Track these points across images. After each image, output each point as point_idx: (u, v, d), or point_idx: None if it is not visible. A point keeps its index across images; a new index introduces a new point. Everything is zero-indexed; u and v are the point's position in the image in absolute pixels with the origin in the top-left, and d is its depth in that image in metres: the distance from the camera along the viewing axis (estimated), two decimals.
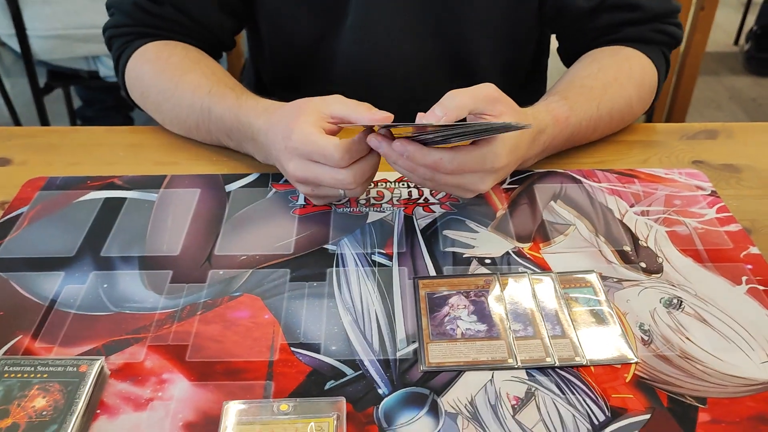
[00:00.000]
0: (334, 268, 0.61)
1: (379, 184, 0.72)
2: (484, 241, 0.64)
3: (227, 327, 0.56)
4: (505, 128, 0.59)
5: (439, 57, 0.87)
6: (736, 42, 3.05)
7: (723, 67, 2.87)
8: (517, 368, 0.52)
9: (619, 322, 0.56)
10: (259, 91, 0.75)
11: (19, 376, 0.50)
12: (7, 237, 0.65)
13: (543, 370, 0.52)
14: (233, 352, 0.53)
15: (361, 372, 0.52)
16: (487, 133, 0.59)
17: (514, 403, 0.50)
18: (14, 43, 1.67)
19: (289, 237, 0.65)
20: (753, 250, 0.63)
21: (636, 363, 0.52)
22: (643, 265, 0.62)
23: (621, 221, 0.67)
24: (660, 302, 0.58)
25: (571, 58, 0.85)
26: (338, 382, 0.51)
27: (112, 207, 0.69)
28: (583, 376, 0.51)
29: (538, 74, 1.03)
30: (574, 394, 0.50)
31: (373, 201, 0.70)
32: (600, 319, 0.56)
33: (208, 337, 0.55)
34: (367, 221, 0.67)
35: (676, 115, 2.09)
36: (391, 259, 0.62)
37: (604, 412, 0.49)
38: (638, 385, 0.51)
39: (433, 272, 0.61)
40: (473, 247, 0.64)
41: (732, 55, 2.97)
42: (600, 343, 0.54)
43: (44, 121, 1.86)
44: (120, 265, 0.62)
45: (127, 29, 0.82)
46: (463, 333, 0.55)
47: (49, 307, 0.57)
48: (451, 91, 0.60)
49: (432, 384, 0.51)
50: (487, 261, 0.62)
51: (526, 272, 0.61)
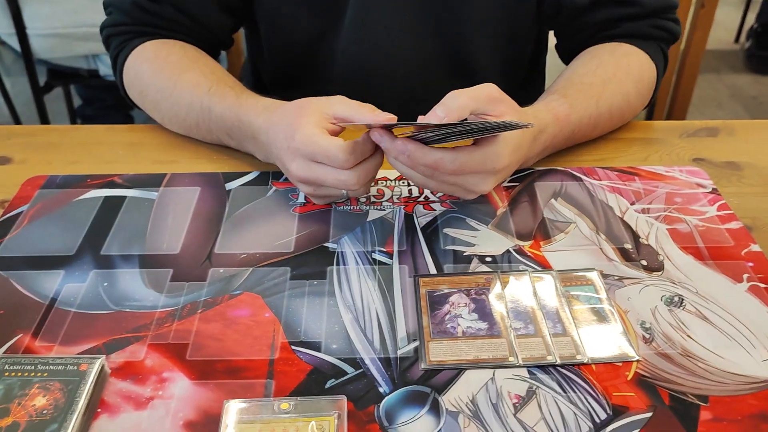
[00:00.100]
0: (335, 267, 0.61)
1: (379, 182, 0.72)
2: (485, 239, 0.64)
3: (228, 325, 0.56)
4: (506, 127, 0.59)
5: (439, 56, 0.87)
6: (736, 40, 3.05)
7: (724, 65, 2.86)
8: (519, 366, 0.52)
9: (620, 320, 0.56)
10: (259, 91, 0.75)
11: (20, 374, 0.50)
12: (7, 236, 0.65)
13: (544, 368, 0.52)
14: (234, 351, 0.53)
15: (362, 370, 0.52)
16: (488, 132, 0.59)
17: (516, 401, 0.49)
18: (14, 42, 1.66)
19: (290, 235, 0.65)
20: (754, 248, 0.63)
21: (637, 361, 0.52)
22: (644, 263, 0.62)
23: (622, 219, 0.67)
24: (661, 300, 0.58)
25: (570, 55, 0.85)
26: (339, 381, 0.51)
27: (112, 205, 0.69)
28: (584, 375, 0.51)
29: (537, 72, 1.02)
30: (575, 392, 0.50)
31: (373, 199, 0.70)
32: (601, 317, 0.56)
33: (209, 335, 0.55)
34: (368, 219, 0.67)
35: (677, 113, 2.08)
36: (391, 257, 0.62)
37: (606, 411, 0.49)
38: (640, 383, 0.51)
39: (433, 270, 0.61)
40: (474, 245, 0.64)
41: (733, 53, 2.97)
42: (601, 341, 0.54)
43: (44, 120, 1.86)
44: (120, 264, 0.62)
45: (126, 28, 0.82)
46: (464, 331, 0.55)
47: (50, 306, 0.57)
48: (452, 92, 0.60)
49: (433, 382, 0.51)
50: (488, 259, 0.62)
51: (526, 270, 0.61)
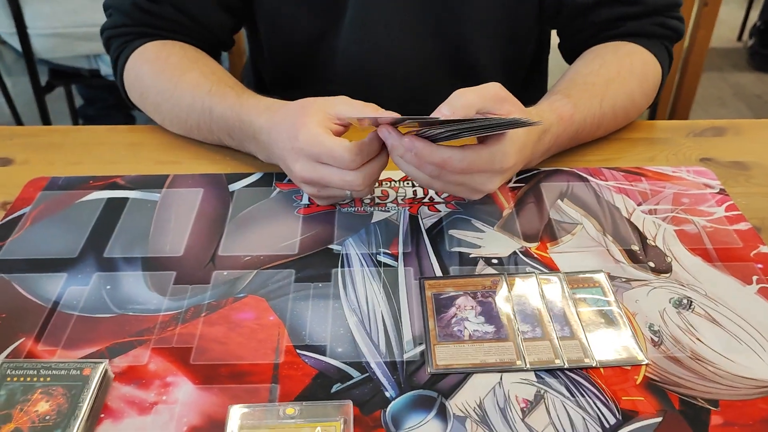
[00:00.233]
0: (339, 269, 0.61)
1: (383, 184, 0.71)
2: (491, 241, 0.64)
3: (232, 329, 0.55)
4: (514, 124, 0.58)
5: (439, 56, 0.87)
6: (739, 38, 3.04)
7: (727, 64, 2.85)
8: (526, 370, 0.51)
9: (629, 322, 0.55)
10: (260, 91, 0.74)
11: (22, 379, 0.49)
12: (10, 238, 0.65)
13: (552, 372, 0.51)
14: (238, 355, 0.53)
15: (368, 374, 0.51)
16: (496, 129, 0.58)
17: (524, 405, 0.49)
18: (15, 42, 1.66)
19: (294, 237, 0.64)
20: (763, 249, 0.62)
21: (646, 365, 0.52)
22: (652, 265, 0.61)
23: (628, 220, 0.66)
24: (669, 302, 0.57)
25: (573, 55, 0.84)
26: (345, 385, 0.50)
27: (114, 207, 0.68)
28: (592, 378, 0.51)
29: (539, 71, 1.02)
30: (584, 396, 0.50)
31: (377, 200, 0.69)
32: (609, 320, 0.55)
33: (213, 339, 0.54)
34: (372, 221, 0.66)
35: (680, 112, 2.08)
36: (396, 259, 0.62)
37: (615, 415, 0.48)
38: (649, 387, 0.50)
39: (439, 272, 0.60)
40: (480, 247, 0.63)
41: (735, 51, 2.96)
42: (609, 345, 0.53)
43: (46, 120, 1.86)
44: (123, 267, 0.61)
45: (126, 29, 0.81)
46: (470, 334, 0.54)
47: (52, 309, 0.57)
48: (458, 90, 0.59)
49: (440, 386, 0.50)
50: (494, 261, 0.61)
51: (533, 272, 0.60)
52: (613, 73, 0.76)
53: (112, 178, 0.72)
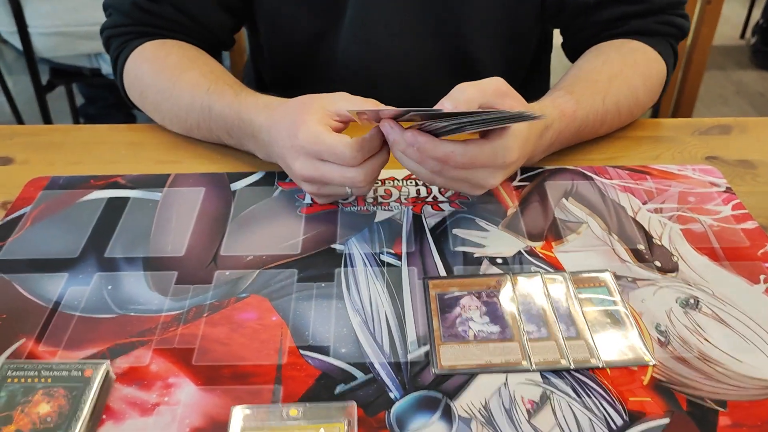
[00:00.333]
0: (342, 269, 0.60)
1: (386, 182, 0.71)
2: (495, 240, 0.63)
3: (234, 329, 0.54)
4: (517, 117, 0.57)
5: (440, 55, 0.86)
6: (742, 36, 3.03)
7: (729, 61, 2.85)
8: (532, 371, 0.51)
9: (635, 322, 0.55)
10: (261, 90, 0.74)
11: (23, 380, 0.49)
12: (10, 238, 0.64)
13: (558, 372, 0.51)
14: (240, 355, 0.52)
15: (372, 375, 0.51)
16: (499, 123, 0.58)
17: (529, 407, 0.48)
18: (16, 41, 1.65)
19: (296, 236, 0.64)
20: None
21: (653, 365, 0.51)
22: (658, 264, 0.61)
23: (634, 219, 0.66)
24: (676, 302, 0.57)
25: (576, 54, 0.83)
26: (348, 386, 0.50)
27: (115, 207, 0.68)
28: (599, 379, 0.50)
29: (540, 71, 1.01)
30: (590, 397, 0.49)
31: (380, 199, 0.68)
32: (615, 320, 0.55)
33: (215, 339, 0.54)
34: (375, 220, 0.66)
35: (683, 110, 2.07)
36: (400, 258, 0.61)
37: (622, 416, 0.48)
38: (656, 387, 0.50)
39: (443, 272, 0.60)
40: (484, 247, 0.62)
41: (738, 49, 2.95)
42: (616, 345, 0.53)
43: (47, 119, 1.85)
44: (124, 266, 0.61)
45: (126, 29, 0.81)
46: (475, 335, 0.54)
47: (53, 310, 0.56)
48: (459, 85, 0.59)
49: (444, 387, 0.50)
50: (499, 260, 0.61)
51: (538, 272, 0.59)
52: (617, 70, 0.76)
53: (113, 178, 0.72)
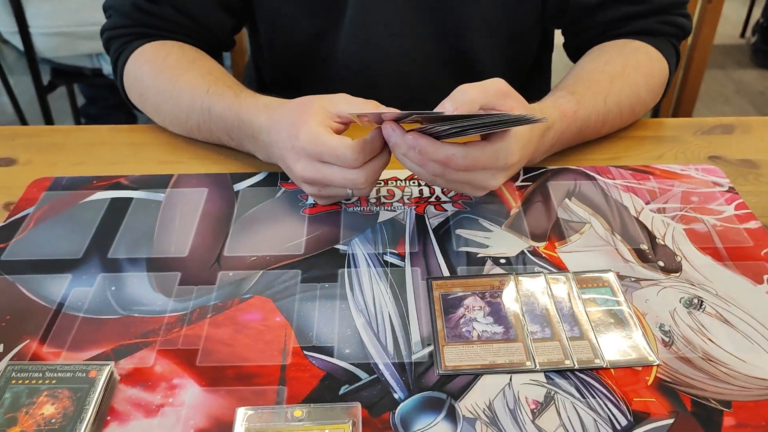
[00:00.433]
0: (346, 269, 0.60)
1: (389, 183, 0.71)
2: (499, 241, 0.63)
3: (238, 330, 0.55)
4: (519, 121, 0.57)
5: (440, 56, 0.86)
6: (742, 35, 3.03)
7: (730, 60, 2.84)
8: (536, 371, 0.51)
9: (639, 323, 0.55)
10: (262, 90, 0.73)
11: (27, 382, 0.49)
12: (13, 239, 0.64)
13: (562, 372, 0.51)
14: (244, 356, 0.52)
15: (376, 376, 0.51)
16: (500, 126, 0.58)
17: (534, 407, 0.48)
18: (17, 41, 1.65)
19: (300, 237, 0.64)
20: None
21: (657, 365, 0.51)
22: (662, 264, 0.60)
23: (637, 219, 0.66)
24: (680, 302, 0.57)
25: (578, 54, 0.83)
26: (353, 387, 0.50)
27: (118, 207, 0.68)
28: (603, 379, 0.50)
29: (542, 71, 1.01)
30: (594, 397, 0.49)
31: (383, 200, 0.68)
32: (619, 320, 0.55)
33: (219, 340, 0.54)
34: (378, 220, 0.66)
35: (684, 109, 2.07)
36: (403, 259, 0.61)
37: (626, 417, 0.48)
38: (660, 388, 0.50)
39: (446, 273, 0.60)
40: (487, 247, 0.62)
41: (738, 48, 2.95)
42: (619, 345, 0.53)
43: (48, 119, 1.85)
44: (128, 267, 0.61)
45: (126, 30, 0.80)
46: (479, 335, 0.54)
47: (57, 311, 0.56)
48: (461, 86, 0.59)
49: (449, 388, 0.50)
50: (502, 261, 0.61)
51: (542, 272, 0.59)
52: (618, 70, 0.75)
53: (116, 178, 0.72)
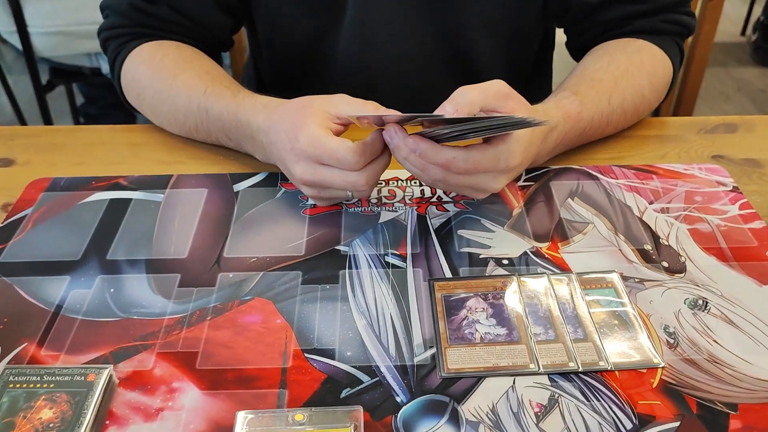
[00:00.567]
0: (347, 270, 0.60)
1: (390, 183, 0.70)
2: (501, 241, 0.63)
3: (238, 332, 0.54)
4: (521, 124, 0.57)
5: (440, 56, 0.85)
6: (743, 32, 3.02)
7: (730, 58, 2.84)
8: (539, 374, 0.50)
9: (643, 324, 0.54)
10: (261, 90, 0.73)
11: (25, 386, 0.48)
12: (11, 240, 0.64)
13: (566, 375, 0.50)
14: (245, 359, 0.52)
15: (378, 379, 0.50)
16: (502, 129, 0.57)
17: (537, 410, 0.48)
18: (15, 40, 1.65)
19: (300, 238, 0.63)
20: None
21: (662, 367, 0.51)
22: (666, 265, 0.60)
23: (640, 219, 0.65)
24: (684, 303, 0.56)
25: (581, 53, 0.83)
26: (354, 390, 0.49)
27: (117, 208, 0.67)
28: (607, 382, 0.50)
29: (543, 70, 1.00)
30: (599, 400, 0.48)
31: (384, 200, 0.68)
32: (623, 322, 0.54)
33: (219, 343, 0.53)
34: (380, 221, 0.65)
35: (685, 108, 2.06)
36: (404, 260, 0.61)
37: (631, 420, 0.47)
38: (666, 390, 0.49)
39: (448, 274, 0.59)
40: (490, 248, 0.62)
41: (739, 46, 2.94)
42: (624, 347, 0.52)
43: (47, 119, 1.84)
44: (127, 269, 0.60)
45: (123, 30, 0.80)
46: (482, 337, 0.53)
47: (55, 313, 0.56)
48: (461, 87, 0.58)
49: (451, 391, 0.49)
50: (505, 262, 0.60)
51: (545, 273, 0.59)
52: (622, 70, 0.75)
53: (115, 179, 0.71)
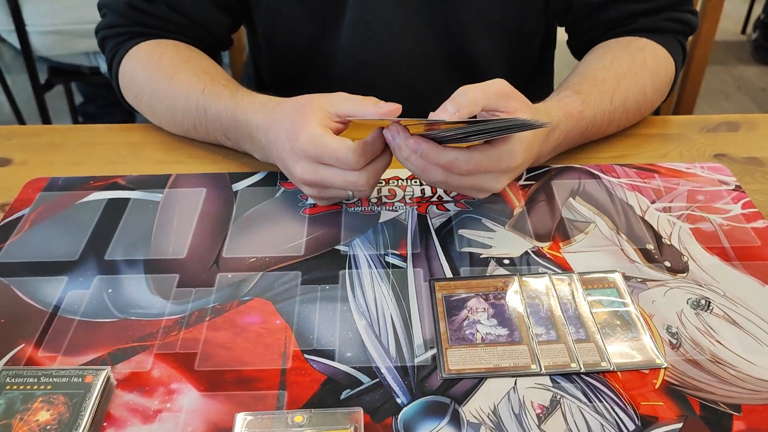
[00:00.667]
0: (347, 270, 0.59)
1: (390, 182, 0.70)
2: (502, 241, 0.62)
3: (237, 333, 0.53)
4: (523, 126, 0.56)
5: (442, 55, 0.85)
6: (743, 31, 3.01)
7: (730, 57, 2.83)
8: (541, 375, 0.50)
9: (645, 324, 0.54)
10: (261, 89, 0.72)
11: (22, 387, 0.48)
12: (8, 240, 0.63)
13: (568, 376, 0.50)
14: (244, 360, 0.51)
15: (378, 380, 0.50)
16: (506, 131, 0.57)
17: (539, 411, 0.47)
18: (14, 39, 1.64)
19: (300, 238, 0.63)
20: None
21: (665, 368, 0.50)
22: (668, 264, 0.59)
23: (642, 218, 0.65)
24: (687, 303, 0.56)
25: (583, 52, 0.82)
26: (354, 391, 0.49)
27: (115, 208, 0.67)
28: (610, 383, 0.49)
29: (544, 69, 1.00)
30: (601, 401, 0.48)
31: (384, 200, 0.67)
32: (625, 322, 0.54)
33: (218, 344, 0.53)
34: (380, 221, 0.65)
35: (685, 106, 2.06)
36: (405, 260, 0.60)
37: (634, 421, 0.47)
38: (668, 391, 0.49)
39: (449, 273, 0.59)
40: (491, 247, 0.61)
41: (739, 44, 2.94)
42: (626, 348, 0.52)
43: (45, 118, 1.84)
44: (125, 269, 0.60)
45: (120, 29, 0.79)
46: (483, 338, 0.53)
47: (53, 314, 0.55)
48: (462, 87, 0.58)
49: (452, 392, 0.49)
50: (506, 261, 0.60)
51: (546, 273, 0.58)
52: (625, 69, 0.74)
53: (113, 179, 0.71)
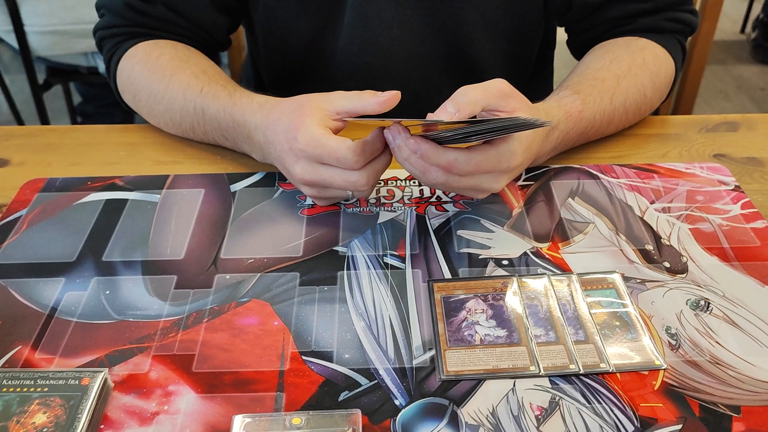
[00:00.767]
0: (345, 271, 0.59)
1: (389, 183, 0.70)
2: (501, 241, 0.62)
3: (235, 335, 0.53)
4: (523, 126, 0.56)
5: (441, 55, 0.85)
6: (742, 30, 3.01)
7: (730, 56, 2.83)
8: (540, 376, 0.50)
9: (645, 325, 0.53)
10: (259, 89, 0.72)
11: (18, 390, 0.47)
12: (5, 241, 0.63)
13: (567, 377, 0.50)
14: (242, 362, 0.51)
15: (376, 382, 0.49)
16: (506, 131, 0.57)
17: (538, 413, 0.47)
18: (12, 40, 1.64)
19: (298, 239, 0.63)
20: None
21: (664, 369, 0.50)
22: (667, 265, 0.59)
23: (642, 218, 0.65)
24: (686, 304, 0.56)
25: (582, 52, 0.82)
26: (352, 393, 0.49)
27: (113, 209, 0.67)
28: (609, 384, 0.49)
29: (544, 69, 1.00)
30: (600, 403, 0.48)
31: (383, 200, 0.67)
32: (624, 323, 0.54)
33: (216, 345, 0.52)
34: (378, 221, 0.65)
35: (684, 106, 2.05)
36: (403, 261, 0.60)
37: (633, 423, 0.46)
38: (668, 393, 0.48)
39: (448, 275, 0.59)
40: (489, 248, 0.61)
41: (739, 44, 2.93)
42: (625, 349, 0.51)
43: (44, 119, 1.83)
44: (122, 271, 0.59)
45: (118, 30, 0.79)
46: (481, 339, 0.52)
47: (50, 316, 0.55)
48: (462, 87, 0.58)
49: (451, 394, 0.49)
50: (505, 262, 0.60)
51: (545, 274, 0.58)
52: (625, 69, 0.74)
53: (111, 179, 0.71)
